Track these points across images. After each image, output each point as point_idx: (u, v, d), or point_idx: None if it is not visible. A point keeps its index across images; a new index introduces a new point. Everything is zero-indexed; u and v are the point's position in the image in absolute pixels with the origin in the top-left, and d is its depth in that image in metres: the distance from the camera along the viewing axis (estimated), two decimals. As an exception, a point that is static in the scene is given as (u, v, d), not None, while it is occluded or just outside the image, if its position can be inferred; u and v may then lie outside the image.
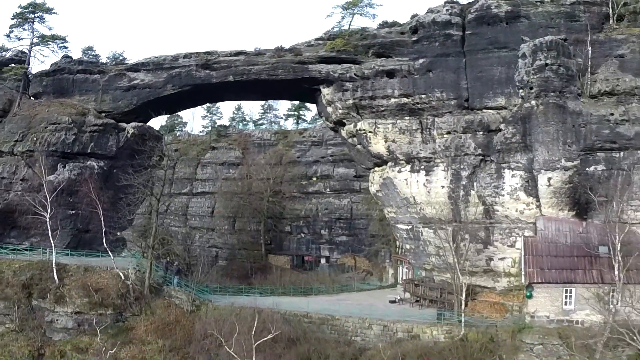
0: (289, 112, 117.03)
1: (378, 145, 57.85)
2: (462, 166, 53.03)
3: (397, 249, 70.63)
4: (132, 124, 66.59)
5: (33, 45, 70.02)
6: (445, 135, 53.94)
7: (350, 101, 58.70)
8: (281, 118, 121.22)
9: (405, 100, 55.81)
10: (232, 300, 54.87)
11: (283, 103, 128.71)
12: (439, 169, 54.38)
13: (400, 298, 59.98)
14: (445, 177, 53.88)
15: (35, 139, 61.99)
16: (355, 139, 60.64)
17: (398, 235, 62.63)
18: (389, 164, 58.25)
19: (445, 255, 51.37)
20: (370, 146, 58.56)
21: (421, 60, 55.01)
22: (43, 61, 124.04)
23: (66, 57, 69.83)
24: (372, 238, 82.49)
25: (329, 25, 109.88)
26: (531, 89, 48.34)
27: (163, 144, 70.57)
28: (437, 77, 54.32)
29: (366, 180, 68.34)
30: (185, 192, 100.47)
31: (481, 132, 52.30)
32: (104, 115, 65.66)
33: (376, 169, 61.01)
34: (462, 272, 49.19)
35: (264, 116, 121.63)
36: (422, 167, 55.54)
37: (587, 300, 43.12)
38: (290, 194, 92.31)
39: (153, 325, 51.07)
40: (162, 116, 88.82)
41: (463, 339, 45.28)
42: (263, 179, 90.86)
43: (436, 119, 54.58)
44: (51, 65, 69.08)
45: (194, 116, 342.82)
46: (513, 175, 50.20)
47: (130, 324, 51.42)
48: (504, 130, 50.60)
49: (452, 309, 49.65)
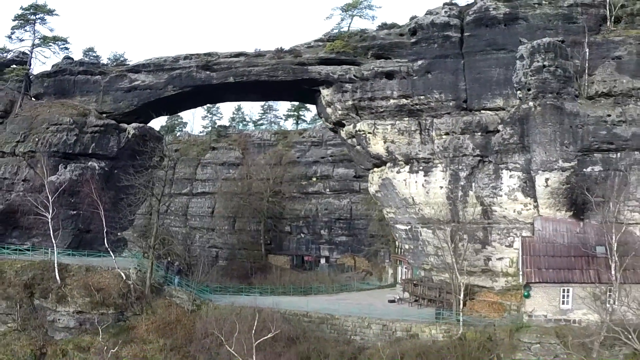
0: (289, 113, 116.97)
1: (377, 146, 58.12)
2: (460, 167, 53.26)
3: (396, 249, 70.79)
4: (133, 124, 66.85)
5: (34, 47, 70.31)
6: (443, 136, 54.21)
7: (350, 102, 58.95)
8: (281, 118, 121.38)
9: (404, 101, 56.06)
10: (233, 300, 55.13)
11: (283, 103, 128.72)
12: (437, 170, 54.62)
13: (399, 297, 60.25)
14: (443, 178, 54.13)
15: (37, 139, 62.25)
16: (354, 140, 60.87)
17: (397, 235, 62.89)
18: (388, 164, 58.52)
19: (444, 255, 51.68)
20: (369, 147, 58.82)
21: (420, 62, 55.27)
22: (44, 62, 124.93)
23: (67, 58, 70.16)
24: (371, 238, 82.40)
25: (328, 27, 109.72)
26: (529, 90, 48.49)
27: (164, 145, 70.69)
28: (436, 79, 54.56)
29: (366, 181, 68.41)
30: (186, 193, 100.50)
31: (479, 133, 52.52)
32: (105, 116, 65.95)
33: (375, 169, 61.27)
34: (461, 271, 49.36)
35: (264, 116, 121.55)
36: (421, 167, 55.79)
37: (583, 300, 43.33)
38: (290, 194, 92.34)
39: (154, 324, 51.33)
40: (163, 117, 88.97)
41: (461, 338, 45.48)
42: (263, 179, 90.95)
43: (435, 120, 54.83)
44: (52, 66, 69.46)
45: (194, 116, 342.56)
46: (511, 176, 50.43)
47: (131, 323, 51.66)
48: (502, 131, 50.80)
49: (451, 309, 49.88)
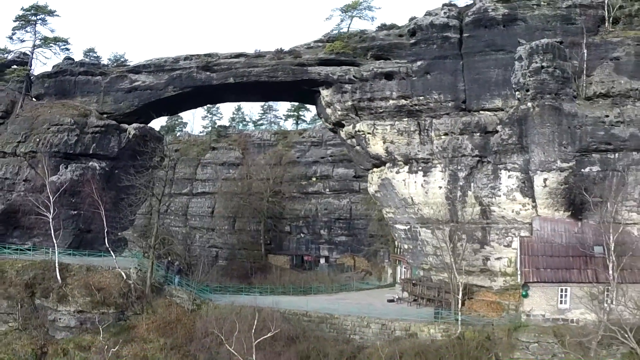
0: (289, 113, 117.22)
1: (376, 147, 58.33)
2: (459, 167, 53.47)
3: (395, 249, 70.83)
4: (134, 125, 67.02)
5: (35, 47, 70.49)
6: (442, 137, 54.42)
7: (349, 103, 59.17)
8: (281, 118, 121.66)
9: (403, 102, 56.29)
10: (233, 300, 55.31)
11: (283, 104, 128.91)
12: (436, 170, 54.82)
13: (398, 297, 60.41)
14: (442, 178, 54.33)
15: (38, 140, 62.41)
16: (354, 140, 61.07)
17: (396, 235, 63.11)
18: (388, 164, 58.72)
19: (443, 255, 51.92)
20: (368, 147, 59.03)
21: (419, 63, 55.52)
22: (45, 63, 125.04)
23: (68, 58, 70.36)
24: (371, 238, 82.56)
25: (328, 28, 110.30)
26: (527, 91, 48.68)
27: (164, 145, 70.91)
28: (435, 79, 54.80)
29: (365, 181, 68.54)
30: (186, 193, 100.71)
31: (478, 134, 52.70)
32: (106, 116, 66.12)
33: (375, 169, 61.46)
34: (459, 271, 49.54)
35: (264, 117, 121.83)
36: (420, 168, 56.00)
37: (581, 300, 43.54)
38: (289, 194, 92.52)
39: (154, 323, 51.46)
40: (163, 117, 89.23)
41: (460, 337, 45.62)
42: (263, 179, 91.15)
43: (434, 120, 55.04)
44: (53, 67, 69.61)
45: (194, 116, 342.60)
46: (509, 176, 50.63)
47: (132, 323, 51.79)
48: (500, 131, 50.99)
49: (449, 308, 50.02)
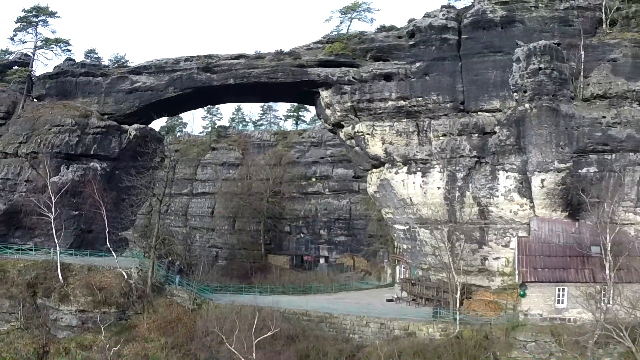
0: (288, 113, 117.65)
1: (375, 147, 58.64)
2: (457, 168, 53.77)
3: (394, 249, 71.06)
4: (134, 125, 67.35)
5: (37, 49, 70.62)
6: (441, 138, 54.74)
7: (349, 104, 59.49)
8: (280, 119, 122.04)
9: (402, 103, 56.62)
10: (233, 299, 55.67)
11: (282, 104, 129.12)
12: (435, 171, 55.13)
13: (397, 297, 60.72)
14: (441, 179, 54.63)
15: (39, 140, 62.64)
16: (353, 141, 61.36)
17: (395, 235, 63.39)
18: (386, 165, 59.00)
19: (441, 255, 52.30)
20: (368, 148, 59.34)
21: (418, 64, 55.85)
22: (46, 64, 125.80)
23: (69, 59, 70.64)
24: (370, 238, 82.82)
25: (327, 29, 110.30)
26: (525, 92, 48.89)
27: (165, 146, 71.21)
28: (434, 81, 55.17)
29: (365, 181, 68.74)
30: (186, 193, 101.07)
31: (476, 135, 53.01)
32: (107, 117, 66.42)
33: (374, 170, 61.75)
34: (458, 271, 49.79)
35: (264, 117, 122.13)
36: (419, 168, 56.29)
37: (577, 299, 43.82)
38: (289, 194, 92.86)
39: (155, 323, 51.84)
40: (163, 117, 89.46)
41: (458, 336, 45.98)
42: (263, 180, 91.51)
43: (432, 121, 55.38)
44: (54, 68, 69.89)
45: (194, 117, 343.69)
46: (507, 177, 50.93)
47: (133, 322, 52.17)
48: (498, 132, 51.31)
49: (448, 307, 50.33)
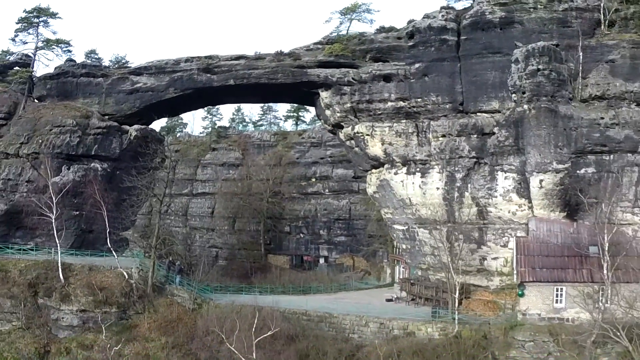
0: (288, 114, 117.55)
1: (375, 148, 58.87)
2: (456, 168, 53.99)
3: (394, 249, 71.17)
4: (135, 126, 67.55)
5: (37, 49, 70.97)
6: (440, 138, 54.98)
7: (348, 104, 59.71)
8: (280, 119, 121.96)
9: (401, 103, 56.88)
10: (233, 299, 55.76)
11: (282, 104, 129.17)
12: (434, 171, 55.36)
13: (396, 296, 60.83)
14: (440, 179, 54.86)
15: (40, 141, 62.81)
16: (352, 142, 61.60)
17: (395, 235, 63.63)
18: (386, 166, 59.22)
19: (440, 255, 52.48)
20: (367, 148, 59.57)
21: (417, 65, 56.11)
22: (47, 65, 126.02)
23: (70, 60, 70.79)
24: (370, 238, 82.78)
25: (327, 30, 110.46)
26: (524, 93, 49.14)
27: (165, 146, 71.41)
28: (433, 81, 55.41)
29: (364, 182, 68.95)
30: (186, 193, 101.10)
31: (475, 135, 53.25)
32: (107, 118, 66.62)
33: (373, 170, 61.98)
34: (456, 271, 49.96)
35: (264, 117, 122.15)
36: (418, 169, 56.51)
37: (575, 299, 43.97)
38: (289, 194, 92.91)
39: (156, 322, 51.93)
40: (163, 118, 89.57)
41: (457, 336, 46.11)
42: (263, 180, 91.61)
43: (432, 122, 55.64)
44: (55, 69, 70.02)
45: (194, 117, 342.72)
46: (506, 178, 51.19)
47: (134, 322, 52.27)
48: (497, 133, 51.54)
49: (447, 307, 50.49)
